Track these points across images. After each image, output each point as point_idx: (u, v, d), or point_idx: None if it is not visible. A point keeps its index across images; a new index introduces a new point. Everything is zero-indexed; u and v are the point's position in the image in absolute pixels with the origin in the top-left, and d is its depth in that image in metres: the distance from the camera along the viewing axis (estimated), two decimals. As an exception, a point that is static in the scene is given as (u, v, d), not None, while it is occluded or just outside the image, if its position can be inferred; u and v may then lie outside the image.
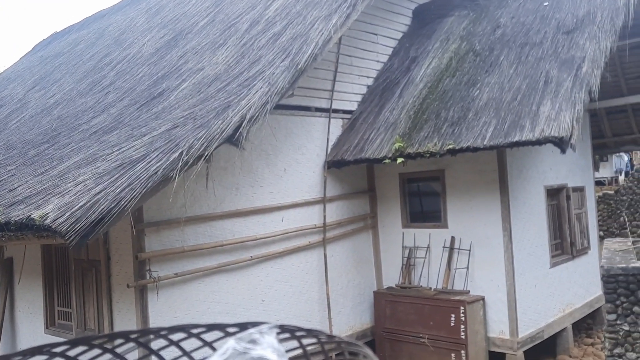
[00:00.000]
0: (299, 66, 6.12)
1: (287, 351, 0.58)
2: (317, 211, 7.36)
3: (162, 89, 7.34)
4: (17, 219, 4.69)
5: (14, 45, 43.58)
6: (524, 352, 6.92)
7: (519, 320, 6.89)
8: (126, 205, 4.39)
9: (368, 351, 0.64)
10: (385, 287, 7.94)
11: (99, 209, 4.31)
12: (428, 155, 6.60)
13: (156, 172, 4.69)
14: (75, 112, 8.33)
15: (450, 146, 6.43)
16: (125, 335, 0.68)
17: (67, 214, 4.33)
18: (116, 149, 5.68)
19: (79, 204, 4.41)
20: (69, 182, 5.12)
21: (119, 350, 0.69)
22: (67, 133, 7.45)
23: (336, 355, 0.64)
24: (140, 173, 4.73)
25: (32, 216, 4.53)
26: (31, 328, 7.15)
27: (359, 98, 8.18)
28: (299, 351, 0.64)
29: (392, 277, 7.90)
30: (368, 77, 8.34)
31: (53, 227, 4.25)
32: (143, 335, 0.68)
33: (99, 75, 9.52)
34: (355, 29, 7.69)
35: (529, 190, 7.32)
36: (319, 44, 6.44)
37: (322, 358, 0.62)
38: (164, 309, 5.65)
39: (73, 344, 0.65)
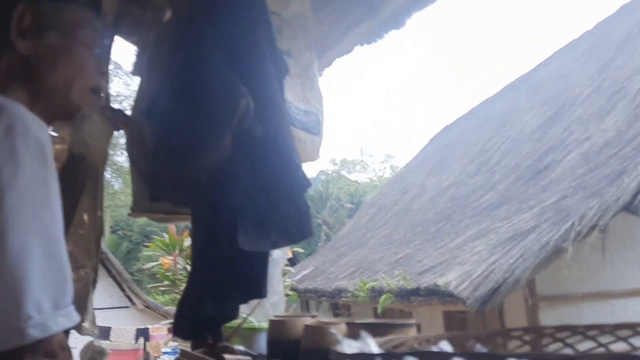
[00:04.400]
0: None
1: None
2: None
3: (547, 163, 7.40)
4: (425, 285, 5.47)
5: (415, 141, 52.25)
6: None
7: None
8: (520, 275, 4.58)
9: None
10: None
11: (495, 278, 4.64)
12: None
13: (547, 243, 4.74)
14: (466, 192, 9.17)
15: None
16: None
17: (466, 282, 4.82)
18: (506, 222, 6.00)
19: (477, 273, 4.85)
20: (466, 253, 5.68)
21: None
22: (460, 211, 8.27)
23: None
24: (532, 244, 4.87)
25: (437, 283, 5.21)
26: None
27: None
28: None
29: None
30: None
31: (455, 293, 4.79)
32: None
33: (485, 157, 10.26)
34: None
35: None
36: None
37: None
38: (564, 389, 5.39)
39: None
